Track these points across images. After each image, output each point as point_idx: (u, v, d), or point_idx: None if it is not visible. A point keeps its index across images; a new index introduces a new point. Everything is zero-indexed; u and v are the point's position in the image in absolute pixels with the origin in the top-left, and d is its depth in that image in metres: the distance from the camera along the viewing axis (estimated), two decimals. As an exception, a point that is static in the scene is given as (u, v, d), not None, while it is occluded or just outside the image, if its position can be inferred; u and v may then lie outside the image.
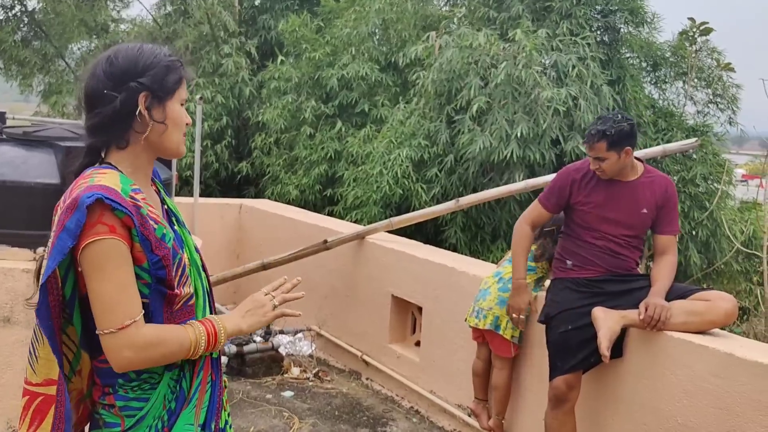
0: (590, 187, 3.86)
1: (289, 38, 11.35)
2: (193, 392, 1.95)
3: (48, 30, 14.47)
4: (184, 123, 1.95)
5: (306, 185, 10.15)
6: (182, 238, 2.01)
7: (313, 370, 5.74)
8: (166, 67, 1.90)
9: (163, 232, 1.86)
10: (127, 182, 1.86)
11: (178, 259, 1.90)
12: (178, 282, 1.89)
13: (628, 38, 10.40)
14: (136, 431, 1.88)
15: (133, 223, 1.78)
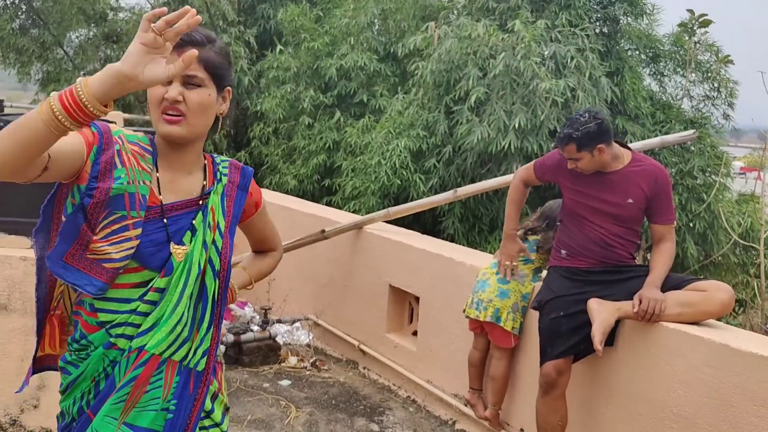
0: (576, 174, 3.88)
1: (288, 28, 11.34)
2: (124, 383, 1.86)
3: (46, 18, 14.42)
4: (155, 100, 1.84)
5: (304, 175, 10.17)
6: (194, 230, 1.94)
7: (310, 360, 5.76)
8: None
9: (120, 175, 1.81)
10: (136, 138, 1.91)
11: (120, 215, 1.81)
12: (105, 235, 1.80)
13: (628, 30, 10.40)
14: (66, 398, 1.92)
15: (98, 142, 1.80)
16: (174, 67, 1.61)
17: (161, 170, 1.92)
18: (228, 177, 2.06)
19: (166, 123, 1.84)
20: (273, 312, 6.02)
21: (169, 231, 1.90)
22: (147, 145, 1.91)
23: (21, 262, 3.92)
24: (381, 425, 4.80)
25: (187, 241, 1.93)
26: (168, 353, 1.89)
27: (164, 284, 1.88)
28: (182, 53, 1.63)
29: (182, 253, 1.91)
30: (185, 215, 1.94)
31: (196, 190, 1.98)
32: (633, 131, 9.07)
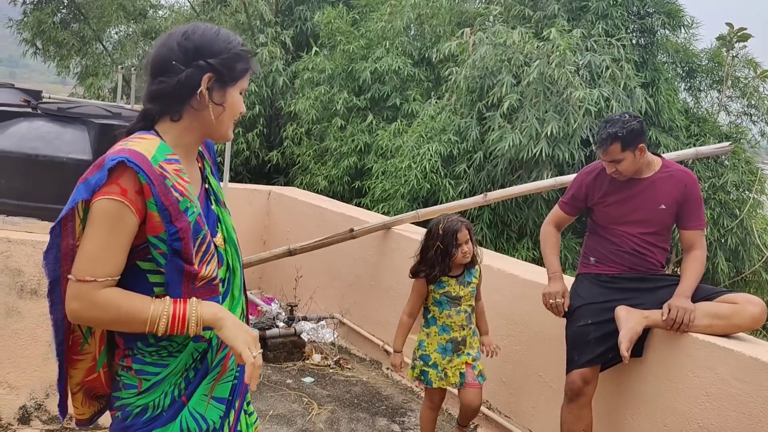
0: (605, 187, 3.85)
1: (324, 30, 11.39)
2: (215, 365, 1.99)
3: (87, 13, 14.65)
4: (238, 111, 2.00)
5: (335, 176, 10.20)
6: (218, 217, 2.04)
7: (334, 358, 5.77)
8: (236, 54, 1.95)
9: (186, 205, 1.86)
10: (164, 151, 1.89)
11: (202, 236, 1.90)
12: (200, 260, 1.89)
13: (664, 42, 10.31)
14: (151, 395, 1.93)
15: (151, 193, 1.80)
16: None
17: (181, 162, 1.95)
18: (205, 153, 2.15)
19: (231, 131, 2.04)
20: (299, 309, 6.05)
21: (207, 226, 1.95)
22: (173, 154, 1.92)
23: (53, 248, 3.97)
24: (402, 426, 4.79)
25: (219, 229, 2.03)
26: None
27: (223, 274, 2.00)
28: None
29: (221, 241, 2.01)
30: (205, 203, 2.03)
31: (199, 176, 2.06)
32: (666, 143, 9.00)
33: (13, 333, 3.99)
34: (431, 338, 4.11)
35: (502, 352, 4.67)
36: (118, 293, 1.82)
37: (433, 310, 4.11)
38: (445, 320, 4.08)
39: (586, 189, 3.92)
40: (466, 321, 4.10)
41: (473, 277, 4.13)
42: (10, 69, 63.48)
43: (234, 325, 1.86)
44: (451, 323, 4.07)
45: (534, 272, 4.76)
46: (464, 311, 4.08)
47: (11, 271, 3.98)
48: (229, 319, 1.87)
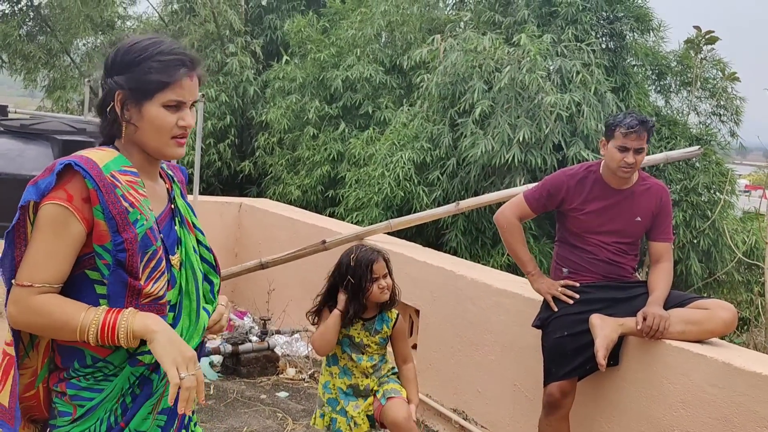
0: (585, 194, 3.81)
1: (294, 38, 11.36)
2: (162, 388, 1.93)
3: (53, 25, 14.48)
4: (166, 127, 1.85)
5: (308, 186, 10.15)
6: (180, 239, 1.98)
7: (308, 371, 5.71)
8: (150, 67, 1.83)
9: (136, 217, 1.81)
10: (121, 162, 1.85)
11: (152, 251, 1.84)
12: (147, 276, 1.83)
13: (634, 46, 10.38)
14: (86, 422, 1.86)
15: (98, 200, 1.77)
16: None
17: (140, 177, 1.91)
18: (176, 177, 2.10)
19: (178, 147, 1.89)
20: (272, 323, 5.98)
21: (166, 245, 1.92)
22: (131, 167, 1.88)
23: (18, 268, 3.89)
24: (379, 439, 4.74)
25: (177, 249, 1.96)
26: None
27: (173, 297, 1.93)
28: (193, 77, 1.87)
29: (177, 262, 1.94)
30: (168, 225, 1.97)
31: (165, 196, 2.00)
32: (638, 147, 9.02)
33: None
34: (334, 379, 3.62)
35: (476, 361, 4.64)
36: (53, 299, 1.77)
37: (335, 347, 3.61)
38: (346, 362, 3.59)
39: (566, 192, 3.83)
40: (373, 369, 3.60)
41: (385, 325, 3.59)
42: (-22, 82, 62.63)
43: (167, 341, 1.76)
44: (352, 367, 3.59)
45: (507, 281, 4.74)
46: (369, 359, 3.58)
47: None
48: (162, 333, 1.77)
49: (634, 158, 3.64)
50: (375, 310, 3.59)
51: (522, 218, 4.01)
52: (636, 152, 3.64)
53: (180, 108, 1.87)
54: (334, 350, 3.59)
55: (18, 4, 14.93)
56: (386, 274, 3.53)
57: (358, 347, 3.57)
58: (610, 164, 3.73)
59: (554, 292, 3.79)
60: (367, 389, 3.56)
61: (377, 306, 3.58)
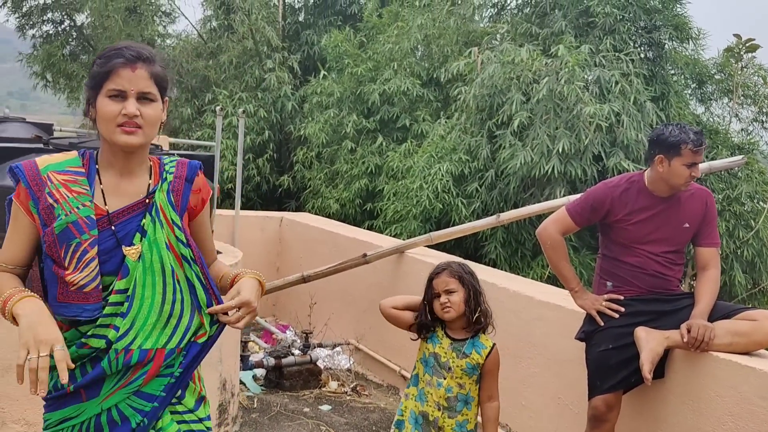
0: (630, 205, 3.77)
1: (331, 53, 11.44)
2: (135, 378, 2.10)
3: (96, 44, 14.76)
4: (109, 115, 2.01)
5: (346, 199, 10.20)
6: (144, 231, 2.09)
7: (350, 385, 5.73)
8: (95, 64, 2.06)
9: (59, 212, 2.01)
10: (66, 164, 2.09)
11: (75, 243, 2.00)
12: (74, 266, 2.00)
13: (673, 54, 10.28)
14: (50, 374, 2.01)
15: (30, 197, 2.04)
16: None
17: (105, 179, 2.11)
18: (174, 173, 2.20)
19: (124, 134, 2.02)
20: (314, 336, 6.01)
21: (118, 236, 2.07)
22: (78, 167, 2.09)
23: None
24: (422, 452, 4.73)
25: (137, 241, 2.09)
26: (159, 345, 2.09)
27: (125, 285, 2.06)
28: (135, 68, 2.00)
29: (135, 252, 2.08)
30: (134, 218, 2.11)
31: (142, 191, 2.14)
32: (679, 157, 8.93)
33: (29, 370, 3.98)
34: (409, 401, 3.36)
35: (519, 373, 4.63)
36: (2, 277, 2.07)
37: (418, 367, 3.37)
38: (425, 385, 3.30)
39: (611, 204, 3.79)
40: (447, 403, 3.25)
41: (475, 351, 3.28)
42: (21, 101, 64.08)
43: (25, 325, 1.91)
44: (427, 393, 3.28)
45: (550, 293, 4.72)
46: (448, 389, 3.26)
47: (26, 308, 3.97)
48: (24, 317, 1.93)
49: (698, 171, 3.63)
50: (467, 332, 3.31)
51: (565, 233, 3.97)
52: (695, 165, 3.62)
53: (123, 97, 2.01)
54: (417, 370, 3.37)
55: (61, 24, 15.27)
56: (450, 290, 3.26)
57: (443, 368, 3.26)
58: (673, 180, 3.65)
59: (599, 307, 3.76)
60: (436, 423, 3.24)
61: (471, 328, 3.31)
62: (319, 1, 13.28)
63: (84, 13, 14.96)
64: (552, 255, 3.97)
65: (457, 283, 3.28)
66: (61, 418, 2.09)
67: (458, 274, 3.31)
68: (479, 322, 3.29)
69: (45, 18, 15.19)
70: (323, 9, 13.12)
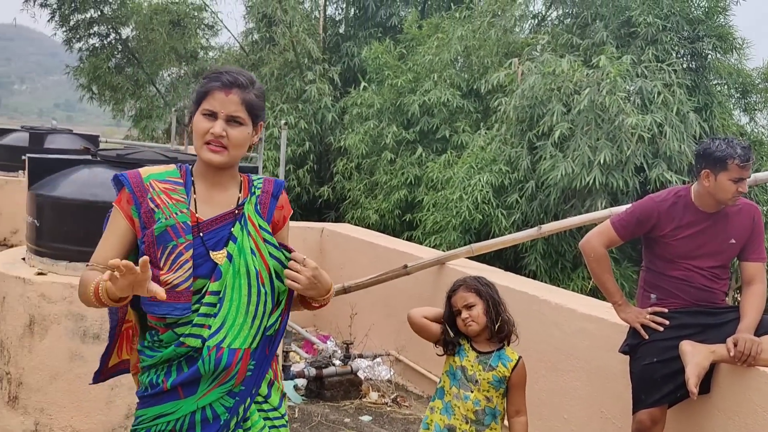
0: (677, 220, 3.73)
1: (371, 65, 11.51)
2: (229, 379, 2.21)
3: (140, 57, 15.05)
4: (199, 132, 2.19)
5: (386, 210, 10.23)
6: (234, 237, 2.23)
7: (391, 395, 5.73)
8: (200, 83, 2.25)
9: (159, 216, 2.16)
10: (167, 174, 2.24)
11: (172, 245, 2.15)
12: (168, 267, 2.14)
13: (716, 64, 10.16)
14: (144, 372, 2.27)
15: (133, 201, 2.18)
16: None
17: (199, 190, 2.27)
18: (261, 188, 2.36)
19: (210, 152, 2.19)
20: (354, 347, 6.03)
21: (209, 243, 2.21)
22: (177, 177, 2.25)
23: (114, 293, 4.04)
24: (462, 465, 4.72)
25: (229, 247, 2.23)
26: (246, 345, 2.22)
27: (217, 287, 2.20)
28: (229, 93, 2.16)
29: (221, 257, 2.22)
30: (224, 226, 2.25)
31: (233, 203, 2.29)
32: (723, 168, 8.82)
33: (76, 377, 4.06)
34: (434, 414, 3.30)
35: (561, 387, 4.60)
36: (91, 274, 2.15)
37: (444, 379, 3.31)
38: (451, 398, 3.25)
39: (658, 218, 3.75)
40: (476, 417, 3.20)
41: (501, 364, 3.23)
42: (67, 113, 65.48)
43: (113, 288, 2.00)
44: (454, 406, 3.23)
45: (592, 305, 4.68)
46: (476, 402, 3.20)
47: (74, 316, 4.06)
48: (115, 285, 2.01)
49: (745, 186, 3.58)
50: (493, 345, 3.27)
51: (609, 246, 3.93)
52: (743, 180, 3.56)
53: (214, 117, 2.18)
54: (443, 383, 3.32)
55: (107, 37, 15.60)
56: (470, 305, 3.24)
57: (470, 381, 3.23)
58: (720, 195, 3.61)
59: (643, 320, 3.72)
60: None
61: (495, 339, 3.27)
62: (359, 13, 13.39)
63: (129, 26, 15.27)
64: (595, 268, 3.94)
65: (475, 297, 3.27)
66: (157, 414, 2.22)
67: (474, 287, 3.30)
68: (502, 331, 3.25)
69: (91, 31, 15.54)
70: (364, 21, 13.22)
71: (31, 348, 4.08)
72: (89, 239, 4.20)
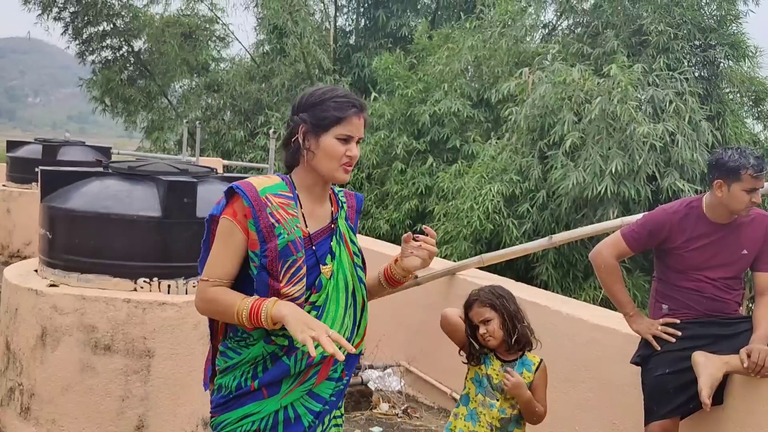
0: (689, 231, 3.69)
1: (382, 75, 11.53)
2: (300, 371, 2.25)
3: (152, 69, 15.14)
4: (336, 155, 2.24)
5: (396, 220, 10.24)
6: (334, 252, 2.32)
7: (401, 406, 5.71)
8: (328, 106, 2.26)
9: (280, 231, 2.20)
10: (278, 188, 2.27)
11: (292, 260, 2.20)
12: (287, 280, 2.19)
13: (728, 73, 10.13)
14: (226, 375, 2.31)
15: (252, 215, 2.19)
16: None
17: (304, 204, 2.32)
18: (347, 203, 2.46)
19: (345, 173, 2.28)
20: (365, 357, 6.02)
21: (317, 256, 2.29)
22: (288, 192, 2.29)
23: (124, 304, 4.04)
24: (474, 476, 4.69)
25: (329, 261, 2.31)
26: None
27: (316, 298, 2.27)
28: (361, 117, 2.26)
29: (328, 271, 2.30)
30: (325, 240, 2.33)
31: (328, 217, 2.37)
32: (736, 177, 8.78)
33: (87, 388, 4.05)
34: (458, 421, 3.32)
35: (573, 398, 4.57)
36: (220, 290, 2.23)
37: (469, 386, 3.32)
38: (477, 405, 3.27)
39: (669, 230, 3.72)
40: (501, 425, 3.23)
41: (525, 369, 3.27)
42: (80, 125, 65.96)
43: (294, 319, 2.08)
44: (480, 413, 3.26)
45: (603, 316, 4.65)
46: (501, 410, 3.23)
47: (85, 328, 4.06)
48: (291, 315, 2.10)
49: (759, 197, 3.54)
50: (515, 353, 3.28)
51: (620, 257, 3.90)
52: (758, 191, 3.53)
53: (348, 141, 2.26)
54: (467, 390, 3.33)
55: (119, 50, 15.71)
56: (486, 320, 3.22)
57: (495, 390, 3.25)
58: (733, 206, 3.58)
59: (655, 332, 3.69)
60: None
61: (516, 347, 3.27)
62: (369, 24, 13.44)
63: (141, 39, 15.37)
64: (606, 279, 3.91)
65: (491, 311, 3.26)
66: (242, 415, 2.28)
67: (489, 301, 3.27)
68: (520, 342, 3.25)
69: (104, 44, 15.66)
70: (374, 32, 13.27)
71: (43, 359, 4.09)
72: (101, 251, 4.25)
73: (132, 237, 4.14)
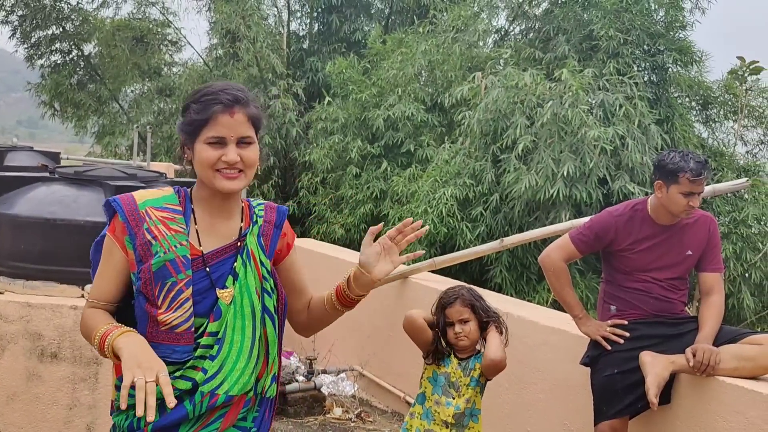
0: (634, 234, 3.74)
1: (336, 80, 11.52)
2: (212, 421, 2.03)
3: (103, 73, 14.92)
4: (208, 162, 1.96)
5: (351, 224, 10.22)
6: (236, 274, 2.04)
7: (355, 411, 5.69)
8: (192, 109, 1.99)
9: (156, 249, 1.96)
10: (164, 200, 2.03)
11: (171, 282, 1.95)
12: (167, 306, 1.95)
13: (677, 77, 10.33)
14: (120, 414, 2.04)
15: (127, 231, 1.98)
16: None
17: (200, 219, 2.05)
18: (264, 217, 2.16)
19: (226, 180, 1.97)
20: (318, 362, 5.99)
21: (212, 278, 2.02)
22: (175, 204, 2.04)
23: (71, 311, 3.97)
24: (427, 480, 4.69)
25: (230, 284, 2.03)
26: (244, 390, 2.04)
27: (216, 328, 2.00)
28: (233, 113, 1.94)
29: (228, 295, 2.02)
30: (226, 260, 2.05)
31: (234, 233, 2.09)
32: (684, 179, 8.94)
33: (33, 397, 3.98)
34: (414, 420, 3.34)
35: (525, 400, 4.59)
36: (93, 313, 2.03)
37: (426, 385, 3.36)
38: (432, 404, 3.30)
39: (615, 233, 3.76)
40: (455, 420, 3.24)
41: (477, 363, 3.30)
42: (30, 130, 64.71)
43: (129, 355, 1.84)
44: (434, 412, 3.28)
45: (554, 318, 4.69)
46: (456, 407, 3.25)
47: (31, 335, 3.98)
48: (126, 349, 1.86)
49: (697, 201, 3.59)
50: (469, 351, 3.34)
51: (568, 260, 3.94)
52: (697, 195, 3.58)
53: (223, 144, 1.96)
54: (424, 389, 3.36)
55: (69, 54, 15.45)
56: (464, 320, 3.27)
57: (452, 388, 3.29)
58: (671, 208, 3.63)
59: (603, 333, 3.72)
60: None
61: (472, 347, 3.33)
62: (323, 29, 13.42)
63: (91, 43, 15.13)
64: (555, 282, 3.95)
65: (470, 312, 3.31)
66: None
67: (470, 302, 3.34)
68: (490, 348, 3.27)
69: (53, 48, 15.39)
70: (327, 36, 13.25)
71: (-14, 368, 4.00)
72: (47, 257, 4.17)
73: (78, 243, 4.06)
